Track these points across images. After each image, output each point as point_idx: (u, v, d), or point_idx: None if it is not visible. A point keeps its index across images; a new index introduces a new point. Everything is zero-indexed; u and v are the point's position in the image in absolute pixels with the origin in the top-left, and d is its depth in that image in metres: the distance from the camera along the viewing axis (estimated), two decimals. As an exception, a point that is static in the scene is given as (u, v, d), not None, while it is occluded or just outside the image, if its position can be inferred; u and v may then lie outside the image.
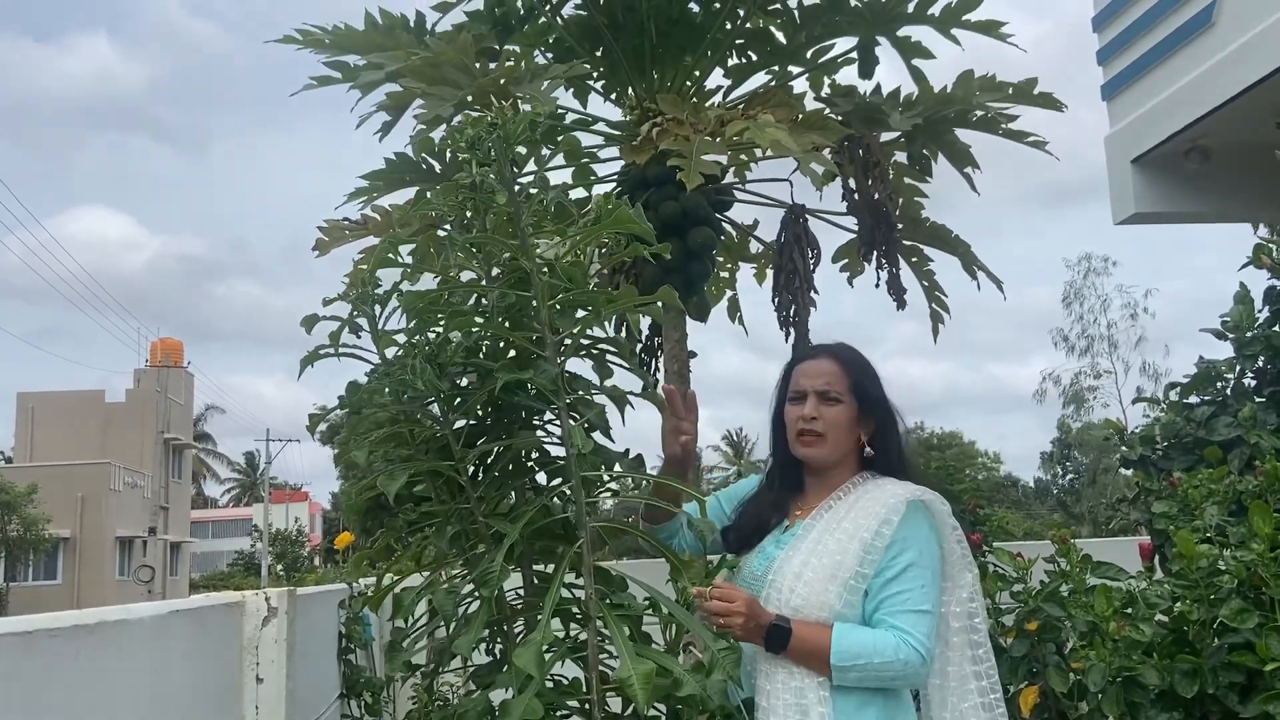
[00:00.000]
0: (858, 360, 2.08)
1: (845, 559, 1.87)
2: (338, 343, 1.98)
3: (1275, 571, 2.20)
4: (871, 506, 1.92)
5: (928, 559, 1.89)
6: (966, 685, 1.92)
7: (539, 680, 1.72)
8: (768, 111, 3.58)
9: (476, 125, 1.84)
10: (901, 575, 1.85)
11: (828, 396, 2.01)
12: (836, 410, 2.00)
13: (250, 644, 1.58)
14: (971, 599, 1.96)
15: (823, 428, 1.99)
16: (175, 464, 37.69)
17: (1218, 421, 2.87)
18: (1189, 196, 5.59)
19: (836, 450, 2.01)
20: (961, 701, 1.91)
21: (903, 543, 1.87)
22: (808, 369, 2.06)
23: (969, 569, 1.97)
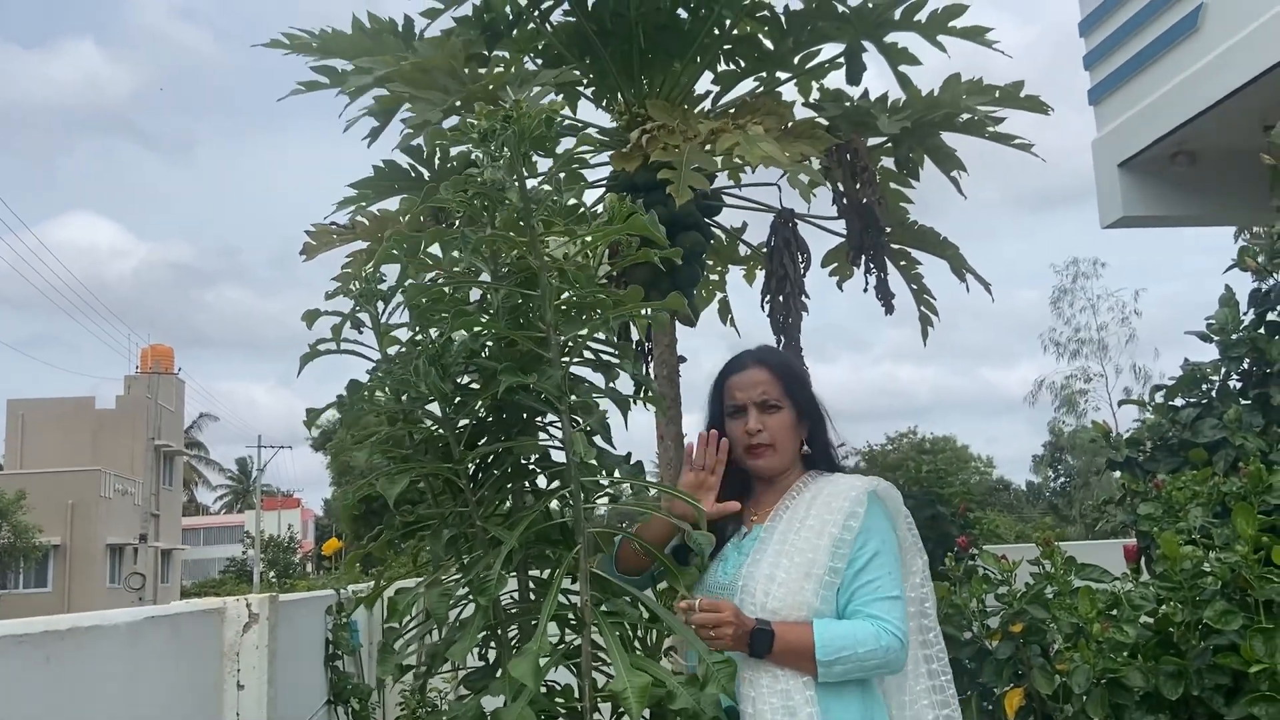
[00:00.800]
0: (786, 363, 2.11)
1: (817, 556, 1.89)
2: (339, 337, 1.96)
3: (1259, 573, 2.20)
4: (833, 501, 1.94)
5: (890, 546, 1.93)
6: (919, 669, 1.96)
7: (534, 690, 1.71)
8: (758, 121, 3.58)
9: (490, 118, 1.82)
10: (870, 565, 1.88)
11: (767, 406, 2.02)
12: (778, 418, 2.02)
13: (231, 650, 1.57)
14: (923, 584, 2.01)
15: (769, 438, 2.01)
16: (166, 471, 37.54)
17: (1203, 423, 2.88)
18: (1176, 200, 5.63)
19: (785, 456, 2.03)
20: (915, 684, 1.95)
21: (867, 533, 1.91)
22: (740, 381, 2.07)
23: (919, 555, 2.02)
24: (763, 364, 2.07)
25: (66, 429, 34.07)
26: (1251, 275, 3.17)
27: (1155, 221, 5.87)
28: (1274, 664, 2.07)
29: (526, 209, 1.83)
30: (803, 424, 2.05)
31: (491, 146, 1.79)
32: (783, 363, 2.10)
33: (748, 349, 2.16)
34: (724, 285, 6.34)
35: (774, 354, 2.13)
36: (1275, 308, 3.10)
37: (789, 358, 2.15)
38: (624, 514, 2.30)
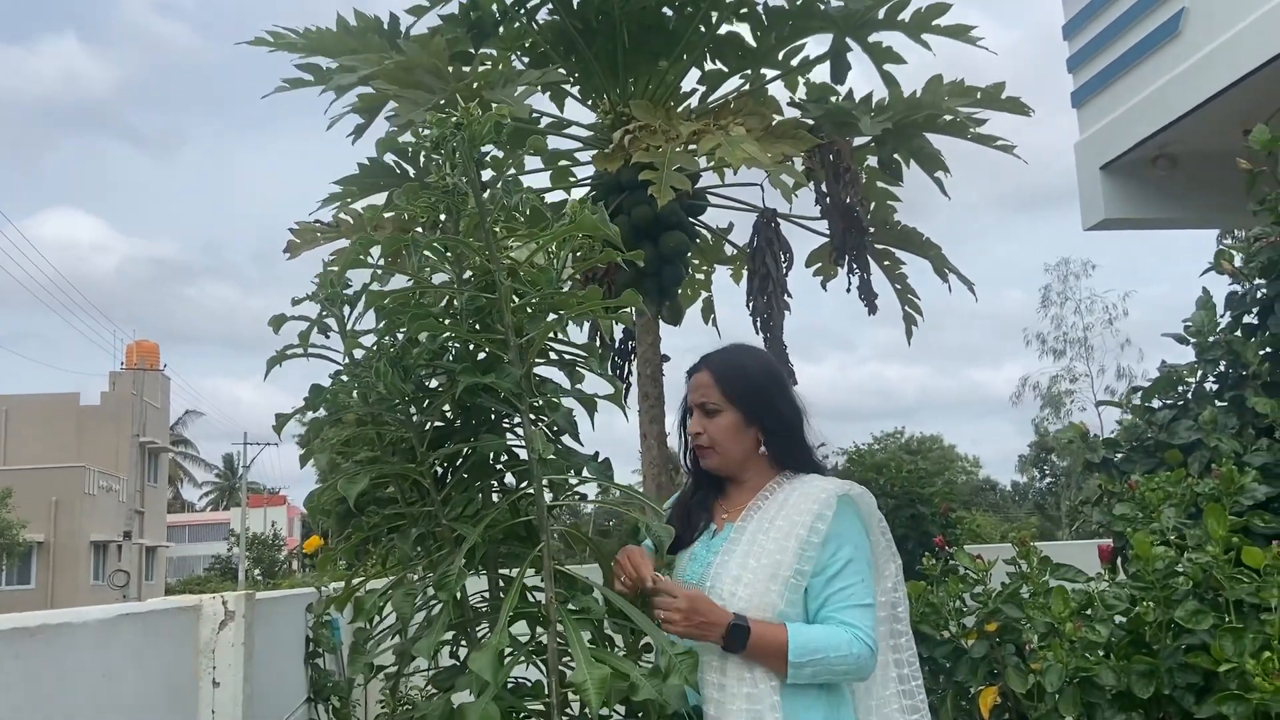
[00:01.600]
0: (733, 363, 2.10)
1: (784, 558, 1.89)
2: (306, 342, 1.97)
3: (1230, 574, 2.23)
4: (802, 504, 1.95)
5: (863, 552, 1.94)
6: (888, 673, 1.97)
7: (495, 685, 1.72)
8: (740, 121, 3.59)
9: (441, 125, 1.84)
10: (843, 572, 1.89)
11: (706, 409, 2.05)
12: (718, 421, 2.04)
13: (206, 648, 1.58)
14: (895, 589, 2.02)
15: (708, 440, 2.05)
16: (151, 468, 37.37)
17: (1178, 425, 2.90)
18: (1157, 203, 5.67)
19: (729, 457, 2.05)
20: (884, 689, 1.96)
21: (839, 539, 1.91)
22: (691, 384, 2.11)
23: (893, 559, 2.03)
24: (708, 367, 2.08)
25: (50, 425, 33.89)
26: (1229, 278, 3.20)
27: (1136, 224, 5.91)
28: (1243, 663, 2.09)
29: (482, 214, 1.85)
30: (750, 427, 2.04)
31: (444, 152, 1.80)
32: (730, 366, 2.09)
33: (709, 352, 2.16)
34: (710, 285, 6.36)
35: (728, 357, 2.12)
36: (1251, 311, 3.13)
37: (741, 360, 2.11)
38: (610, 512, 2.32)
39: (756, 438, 2.05)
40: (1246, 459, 2.66)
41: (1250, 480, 2.42)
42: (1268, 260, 2.96)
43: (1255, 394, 2.83)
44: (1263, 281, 3.02)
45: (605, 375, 2.05)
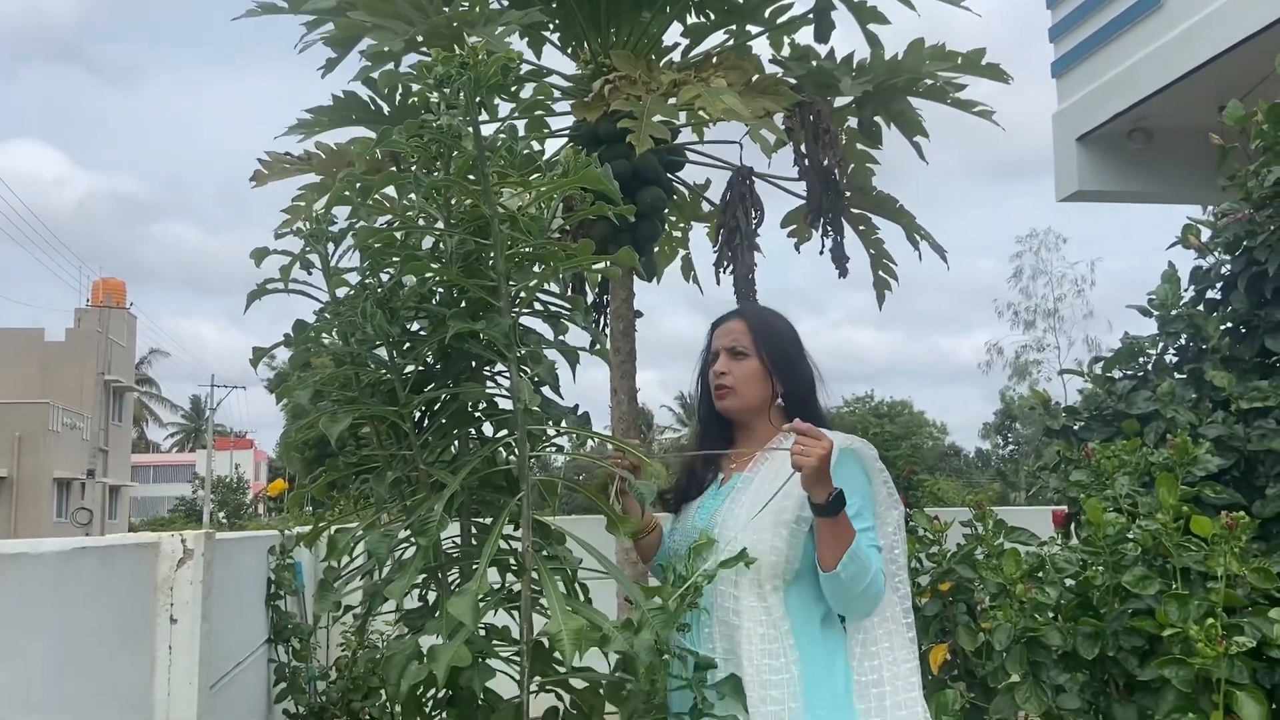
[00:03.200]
0: (766, 319, 2.24)
1: (788, 504, 2.00)
2: (288, 277, 1.95)
3: (1178, 542, 2.28)
4: None
5: (869, 501, 2.07)
6: (884, 611, 2.06)
7: (471, 629, 1.74)
8: (720, 74, 3.56)
9: (447, 63, 1.81)
10: (856, 517, 2.00)
11: (735, 351, 2.17)
12: (744, 364, 2.16)
13: (164, 585, 1.58)
14: (895, 534, 2.13)
15: (732, 381, 2.16)
16: (116, 406, 37.00)
17: (1137, 395, 2.95)
18: (1131, 176, 5.71)
19: (747, 401, 2.17)
20: (878, 628, 2.06)
21: (848, 488, 1.99)
22: (720, 330, 2.23)
23: (894, 508, 2.14)
24: (742, 317, 2.21)
25: (14, 360, 33.39)
26: (1194, 252, 3.24)
27: (1109, 197, 5.95)
28: (1187, 629, 2.15)
29: (480, 157, 1.83)
30: (772, 377, 2.16)
31: (447, 91, 1.77)
32: (763, 319, 2.23)
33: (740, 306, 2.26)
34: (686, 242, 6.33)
35: (759, 311, 2.27)
36: (1215, 286, 3.17)
37: (776, 319, 2.25)
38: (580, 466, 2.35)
39: (774, 390, 2.17)
40: (1202, 431, 2.71)
41: (1204, 452, 2.47)
42: (1233, 236, 3.00)
43: (1214, 368, 2.88)
44: (1227, 257, 3.06)
45: (588, 328, 2.06)
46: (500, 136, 1.89)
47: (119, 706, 1.41)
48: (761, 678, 1.92)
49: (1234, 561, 2.18)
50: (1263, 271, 2.86)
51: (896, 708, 2.00)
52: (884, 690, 2.01)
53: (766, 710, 1.90)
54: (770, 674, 1.93)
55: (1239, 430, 2.72)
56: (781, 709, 1.90)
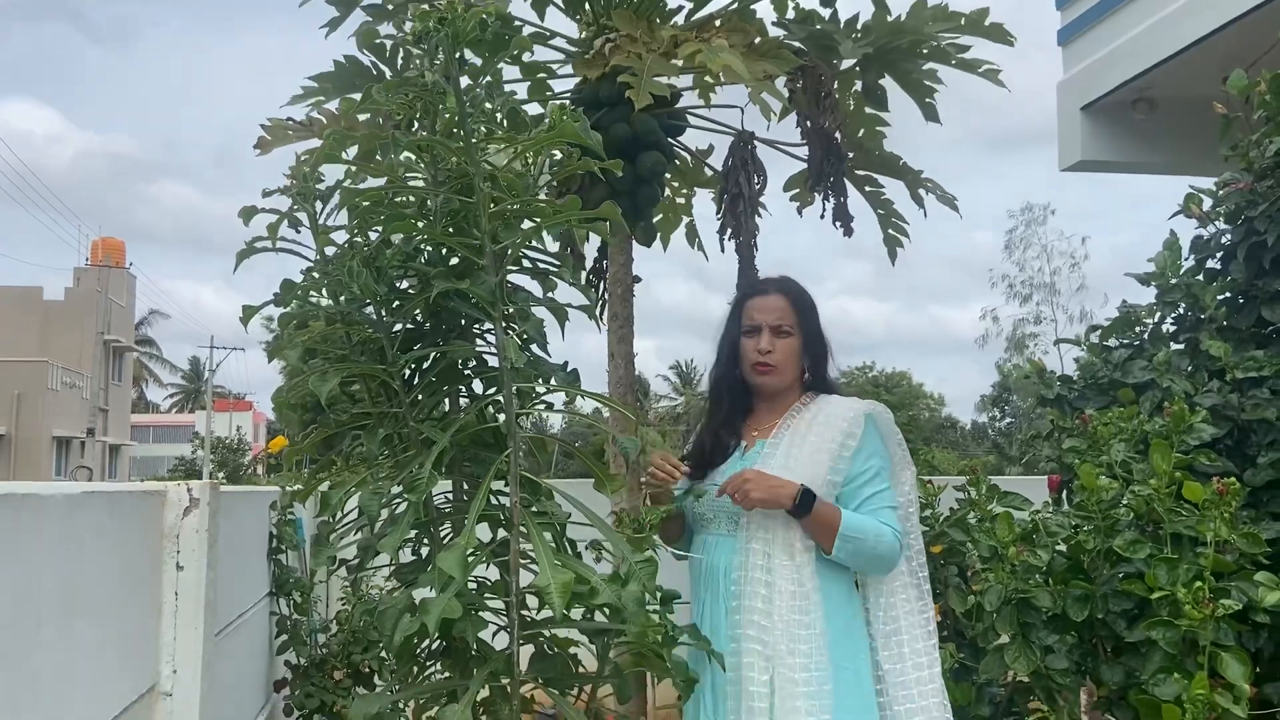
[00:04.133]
0: (804, 296, 2.33)
1: (818, 470, 2.12)
2: (275, 235, 1.96)
3: (1170, 507, 2.31)
4: (832, 421, 2.17)
5: (885, 464, 2.18)
6: (899, 567, 2.17)
7: (460, 582, 1.77)
8: (722, 35, 3.54)
9: (424, 19, 1.81)
10: (873, 479, 2.14)
11: (780, 330, 2.25)
12: (788, 343, 2.25)
13: (171, 532, 1.60)
14: (910, 492, 2.25)
15: (777, 360, 2.24)
16: (116, 366, 37.04)
17: (1133, 364, 2.97)
18: (1134, 147, 5.70)
19: (787, 378, 2.27)
20: (894, 580, 2.17)
21: (866, 452, 2.15)
22: (761, 304, 2.29)
23: (908, 467, 2.26)
24: (784, 293, 2.30)
25: (13, 319, 33.37)
26: (1196, 222, 3.24)
27: (1113, 167, 5.94)
28: (1175, 592, 2.19)
29: (462, 114, 1.83)
30: (808, 353, 2.27)
31: (426, 48, 1.77)
32: (802, 295, 2.31)
33: (771, 277, 2.41)
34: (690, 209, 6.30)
35: (796, 286, 2.34)
36: (1215, 256, 3.18)
37: (808, 296, 2.33)
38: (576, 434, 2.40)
39: (805, 364, 2.27)
40: (1197, 400, 2.73)
41: (1199, 420, 2.49)
42: (1234, 206, 3.00)
43: (1210, 337, 2.90)
44: (1228, 227, 3.06)
45: (579, 286, 2.07)
46: (479, 93, 1.89)
47: (127, 649, 1.44)
48: (791, 632, 2.03)
49: (1224, 527, 2.21)
50: (1262, 241, 2.87)
51: (915, 655, 2.13)
52: (902, 639, 2.14)
53: (794, 662, 2.01)
54: (800, 629, 2.03)
55: (1233, 399, 2.74)
56: (809, 661, 2.01)
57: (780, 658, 2.01)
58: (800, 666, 2.00)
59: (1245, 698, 2.11)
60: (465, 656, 2.02)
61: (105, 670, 1.32)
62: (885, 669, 2.10)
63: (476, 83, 1.85)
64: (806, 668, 2.00)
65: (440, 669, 2.11)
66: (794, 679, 1.99)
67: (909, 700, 2.07)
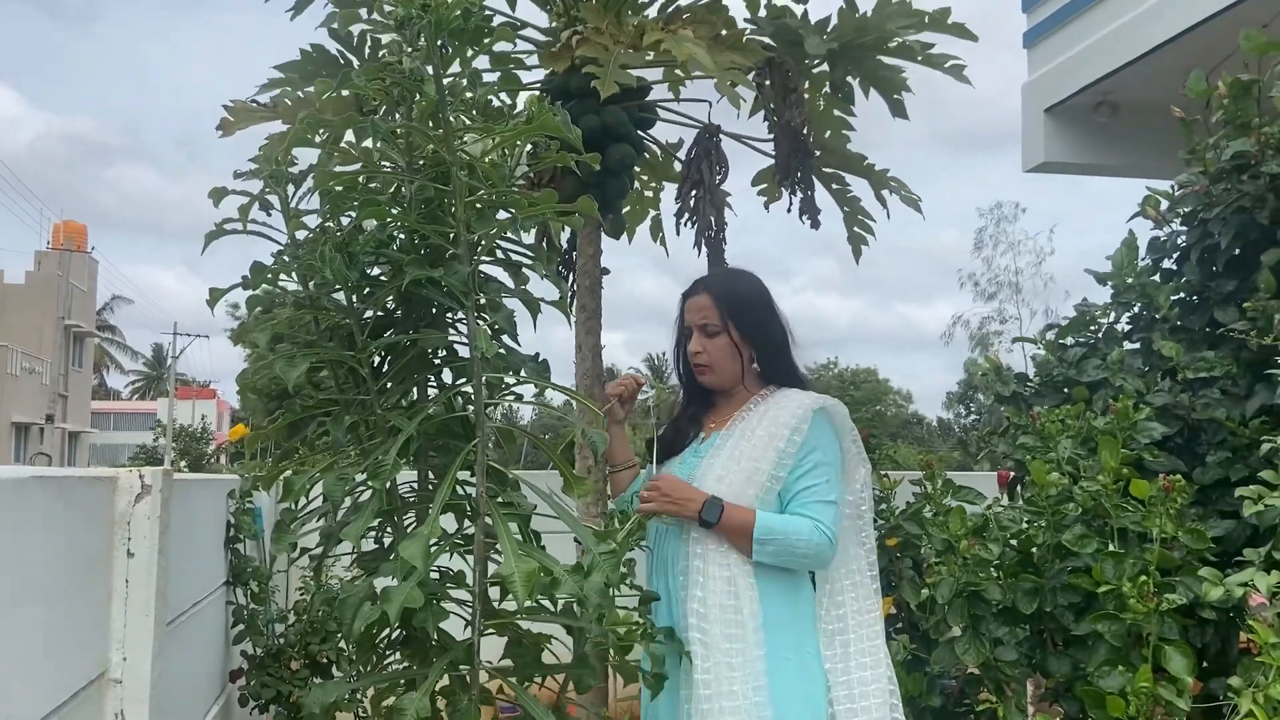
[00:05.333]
0: (731, 290, 2.28)
1: (761, 464, 2.12)
2: (246, 217, 1.95)
3: (1117, 503, 2.36)
4: (781, 416, 2.16)
5: (832, 457, 2.16)
6: (850, 565, 2.18)
7: (422, 571, 1.77)
8: (688, 27, 3.55)
9: (407, 4, 1.81)
10: (811, 472, 2.12)
11: (707, 330, 2.24)
12: (717, 341, 2.23)
13: (122, 519, 1.59)
14: (862, 489, 2.24)
15: (708, 359, 2.24)
16: (76, 352, 36.48)
17: (1087, 363, 3.02)
18: (1096, 149, 5.78)
19: (726, 375, 2.25)
20: (845, 579, 2.18)
21: (810, 445, 2.13)
22: (690, 305, 2.29)
23: (862, 464, 2.26)
24: (708, 290, 2.26)
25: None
26: (1153, 223, 3.29)
27: (1076, 169, 6.02)
28: (1121, 585, 2.23)
29: (442, 101, 1.83)
30: (745, 346, 2.23)
31: (407, 34, 1.77)
32: (729, 290, 2.27)
33: (704, 275, 2.37)
34: (658, 203, 6.31)
35: (724, 281, 2.32)
36: (1171, 256, 3.23)
37: (741, 284, 2.30)
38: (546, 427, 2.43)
39: (750, 355, 2.24)
40: (1149, 399, 2.78)
41: (1144, 418, 2.54)
42: (1190, 209, 3.05)
43: (1163, 337, 2.95)
44: (1184, 229, 3.12)
45: (552, 279, 2.08)
46: (462, 82, 1.89)
47: (76, 636, 1.43)
48: (725, 618, 2.04)
49: (1169, 523, 2.26)
50: (1216, 244, 2.92)
51: (860, 654, 2.13)
52: (848, 638, 2.14)
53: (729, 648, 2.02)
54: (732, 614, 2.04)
55: (1184, 399, 2.79)
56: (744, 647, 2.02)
57: (716, 644, 2.02)
58: (736, 652, 2.01)
59: (1188, 690, 2.16)
60: (425, 646, 2.02)
61: (53, 657, 1.32)
62: (828, 667, 2.11)
63: (462, 71, 1.85)
64: (742, 653, 2.01)
65: (400, 658, 2.11)
66: (730, 663, 2.01)
67: (850, 700, 2.08)
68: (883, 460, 9.57)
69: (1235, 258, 2.91)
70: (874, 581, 2.22)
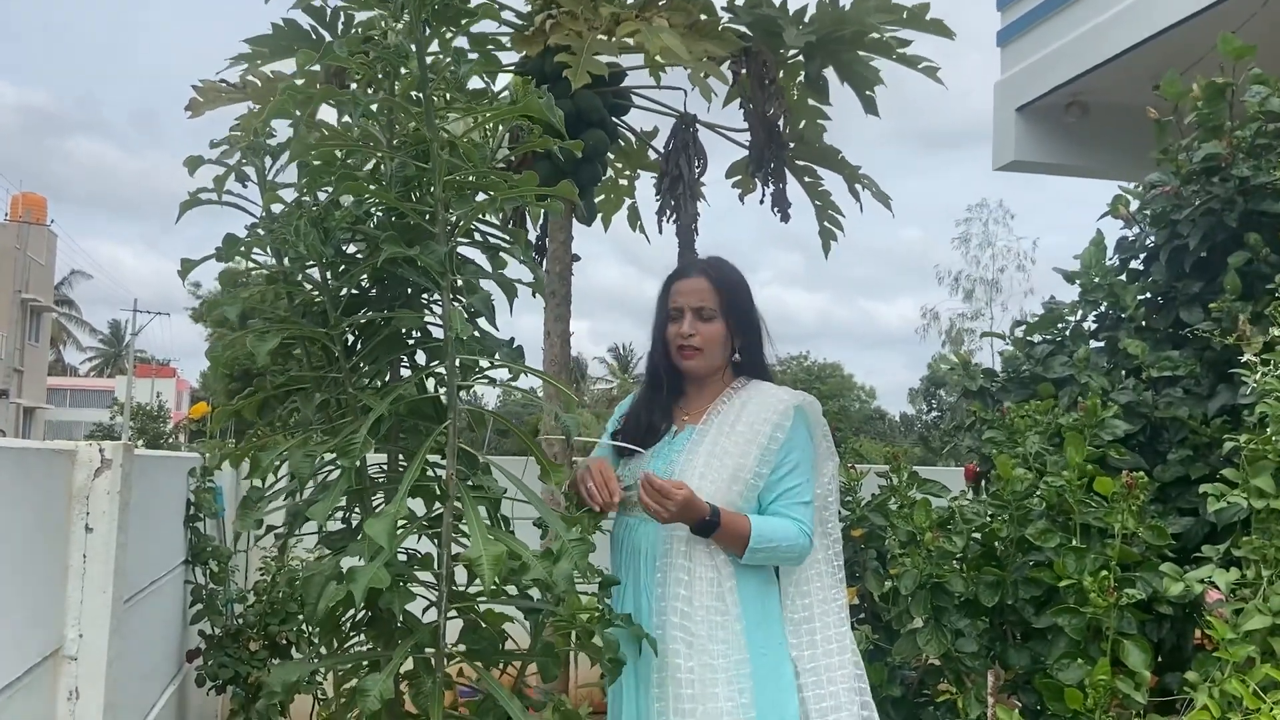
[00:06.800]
0: (730, 278, 2.27)
1: (746, 461, 2.11)
2: (221, 189, 1.90)
3: (1081, 499, 2.38)
4: (760, 412, 2.16)
5: (808, 456, 2.17)
6: (816, 555, 2.19)
7: (389, 551, 1.75)
8: (663, 15, 3.53)
9: None
10: (792, 472, 2.13)
11: (703, 314, 2.20)
12: (711, 327, 2.21)
13: (80, 493, 1.56)
14: (829, 483, 2.25)
15: (700, 343, 2.20)
16: (33, 326, 35.84)
17: (1054, 360, 3.05)
18: (1066, 149, 5.83)
19: (712, 362, 2.23)
20: (810, 569, 2.19)
21: (790, 445, 2.13)
22: (684, 287, 2.24)
23: (830, 459, 2.27)
24: (706, 275, 2.24)
25: (-76, 273, 32.07)
26: (1122, 222, 3.33)
27: (1045, 168, 6.08)
28: (1081, 579, 2.26)
29: (424, 79, 1.80)
30: (736, 337, 2.23)
31: (390, 8, 1.74)
32: (726, 278, 2.25)
33: (697, 259, 2.35)
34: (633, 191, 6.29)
35: (723, 268, 2.28)
36: (1138, 256, 3.27)
37: (736, 275, 2.28)
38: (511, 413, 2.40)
39: (735, 345, 2.23)
40: (1113, 396, 2.82)
41: (1111, 416, 2.57)
42: (1159, 209, 3.09)
43: (1129, 336, 2.99)
44: (1152, 229, 3.15)
45: (528, 263, 2.05)
46: (445, 60, 1.86)
47: (30, 610, 1.40)
48: (710, 619, 2.04)
49: (1131, 519, 2.29)
50: (1184, 245, 2.96)
51: (826, 641, 2.15)
52: (814, 625, 2.16)
53: (714, 649, 2.02)
54: (717, 614, 2.04)
55: (1148, 397, 2.83)
56: (728, 648, 2.03)
57: (701, 644, 2.02)
58: (720, 654, 2.02)
59: (1146, 684, 2.19)
60: (390, 628, 2.00)
61: (6, 632, 1.29)
62: (795, 655, 2.12)
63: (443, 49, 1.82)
64: (726, 654, 2.02)
65: (363, 640, 2.09)
66: (713, 665, 2.01)
67: (818, 686, 2.10)
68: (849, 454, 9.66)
69: (1202, 259, 2.95)
70: (839, 571, 2.23)
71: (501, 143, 2.08)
